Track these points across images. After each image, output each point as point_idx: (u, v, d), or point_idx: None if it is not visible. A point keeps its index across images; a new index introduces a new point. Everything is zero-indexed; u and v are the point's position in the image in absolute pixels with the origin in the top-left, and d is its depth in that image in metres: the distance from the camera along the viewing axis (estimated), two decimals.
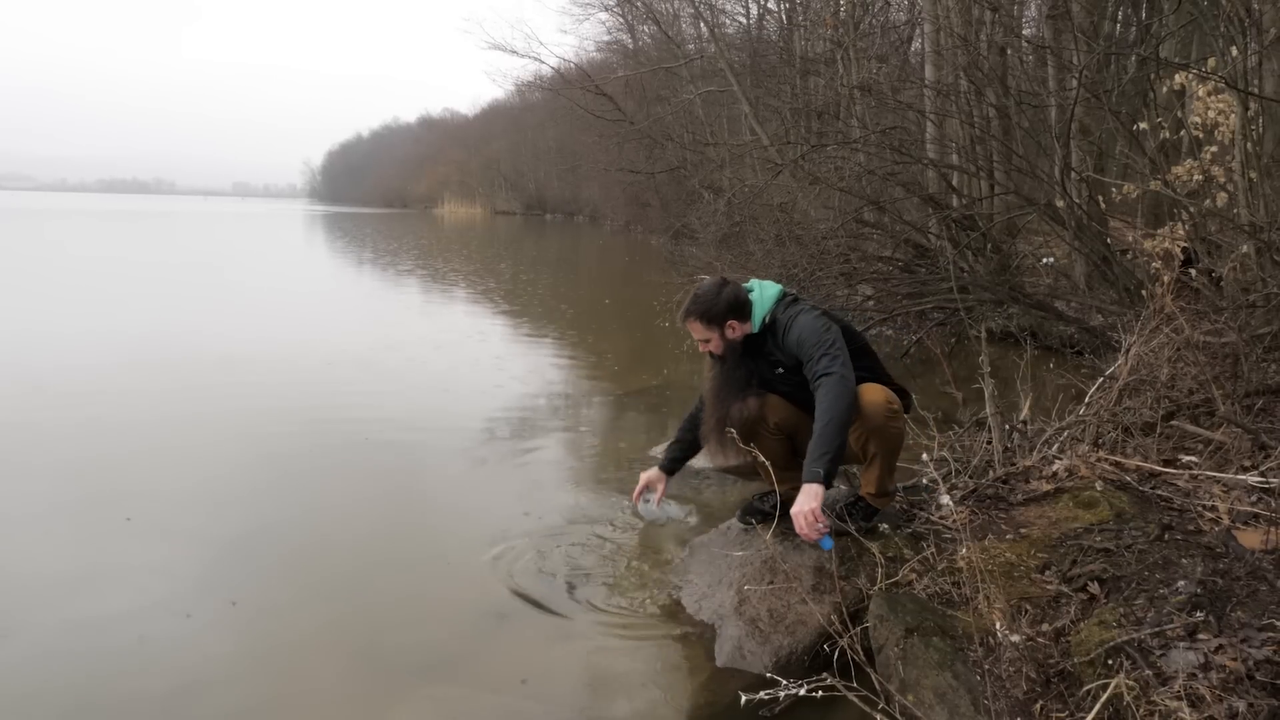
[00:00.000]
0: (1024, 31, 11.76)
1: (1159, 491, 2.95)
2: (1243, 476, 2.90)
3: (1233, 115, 4.62)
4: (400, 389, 6.20)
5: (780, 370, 2.98)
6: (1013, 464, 3.39)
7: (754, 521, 3.17)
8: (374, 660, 2.61)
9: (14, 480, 4.12)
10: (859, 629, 2.39)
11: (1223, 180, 4.86)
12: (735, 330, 2.96)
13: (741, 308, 2.95)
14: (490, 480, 4.22)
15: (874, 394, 2.83)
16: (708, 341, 2.99)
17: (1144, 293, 4.65)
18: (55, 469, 4.28)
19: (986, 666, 2.13)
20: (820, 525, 2.57)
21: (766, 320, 2.96)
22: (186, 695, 2.41)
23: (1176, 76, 5.26)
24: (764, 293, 3.01)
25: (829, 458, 2.62)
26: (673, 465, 3.31)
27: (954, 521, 2.87)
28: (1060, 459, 3.30)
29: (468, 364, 7.33)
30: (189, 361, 7.08)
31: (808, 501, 2.57)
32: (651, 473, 3.29)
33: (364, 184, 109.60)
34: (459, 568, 3.25)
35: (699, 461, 4.27)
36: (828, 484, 2.63)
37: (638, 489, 3.28)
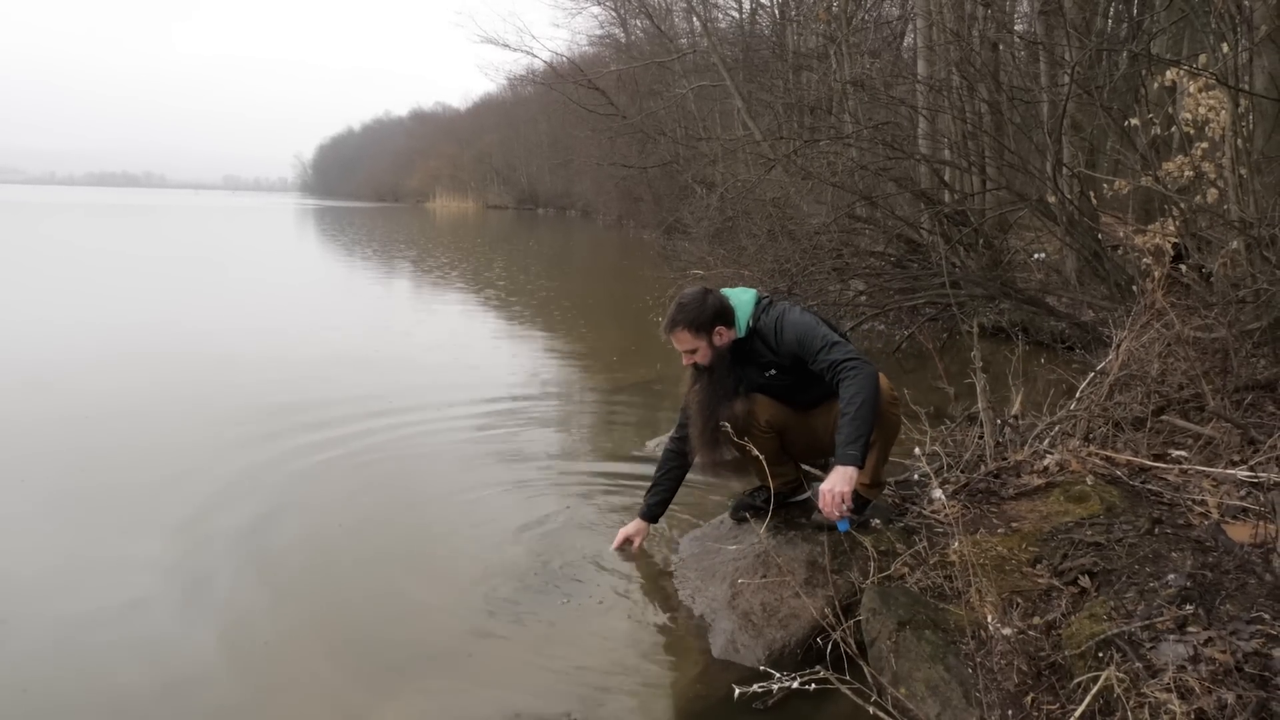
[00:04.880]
0: (1016, 27, 11.78)
1: (1149, 486, 2.97)
2: (1232, 471, 2.92)
3: (1223, 111, 4.65)
4: (391, 382, 6.19)
5: (772, 372, 2.97)
6: (1004, 458, 3.41)
7: (747, 516, 3.17)
8: (365, 655, 2.61)
9: (4, 476, 4.10)
10: (852, 622, 2.40)
11: (1213, 176, 4.90)
12: (723, 337, 2.94)
13: (727, 314, 2.93)
14: (482, 475, 4.21)
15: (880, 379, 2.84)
16: (694, 352, 2.95)
17: (1135, 288, 4.68)
18: (47, 464, 4.27)
19: (978, 659, 2.15)
20: (845, 507, 2.62)
21: (751, 324, 2.95)
22: (177, 691, 2.41)
23: (1168, 73, 5.30)
24: (741, 298, 3.00)
25: (863, 441, 2.67)
26: (654, 512, 3.25)
27: (946, 515, 2.89)
28: (1051, 453, 3.32)
29: (460, 359, 7.32)
30: (181, 357, 7.06)
31: (840, 483, 2.62)
32: (632, 525, 3.24)
33: (355, 178, 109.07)
34: (451, 563, 3.24)
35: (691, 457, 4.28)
36: (861, 465, 2.68)
37: (617, 541, 3.23)
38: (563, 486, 4.06)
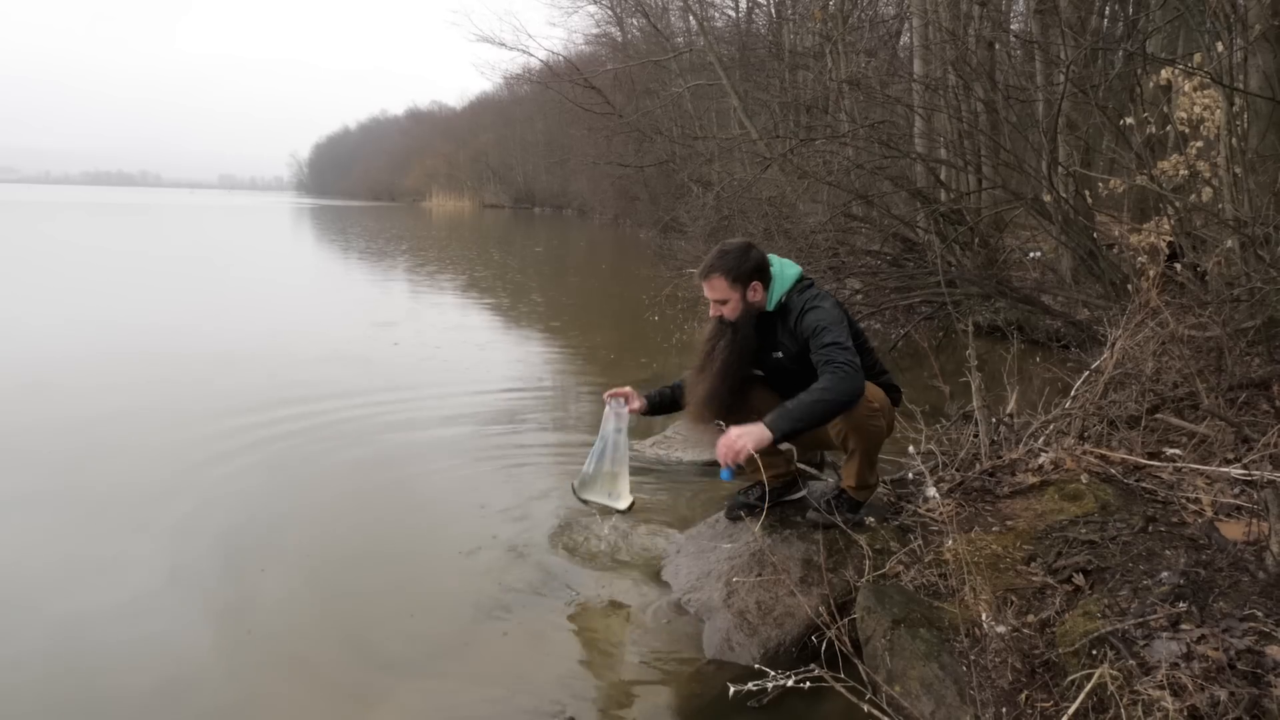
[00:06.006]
0: (1012, 26, 11.81)
1: (1143, 484, 2.98)
2: (1226, 469, 2.93)
3: (1218, 110, 4.66)
4: (388, 382, 6.18)
5: (778, 355, 2.92)
6: (999, 457, 3.42)
7: (742, 515, 3.17)
8: (362, 654, 2.61)
9: (1, 475, 4.10)
10: (847, 620, 2.40)
11: (1208, 175, 4.90)
12: (757, 293, 2.87)
13: (765, 273, 2.87)
14: (478, 473, 4.21)
15: None
16: (724, 303, 2.86)
17: (1130, 287, 4.69)
18: (43, 464, 4.25)
19: (972, 657, 2.15)
20: (736, 460, 2.57)
21: (782, 300, 2.89)
22: (174, 690, 2.40)
23: (1163, 72, 5.30)
24: (784, 271, 2.92)
25: (797, 423, 2.58)
26: (653, 402, 3.15)
27: (941, 514, 2.89)
28: (1046, 452, 3.32)
29: (456, 357, 7.31)
30: (178, 356, 7.04)
31: (746, 437, 2.55)
32: (632, 390, 3.17)
33: (351, 177, 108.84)
34: (446, 561, 3.24)
35: (686, 455, 4.29)
36: (776, 440, 2.59)
37: (613, 391, 3.13)
38: (557, 485, 4.05)
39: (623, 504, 3.19)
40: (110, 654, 2.58)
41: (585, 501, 3.23)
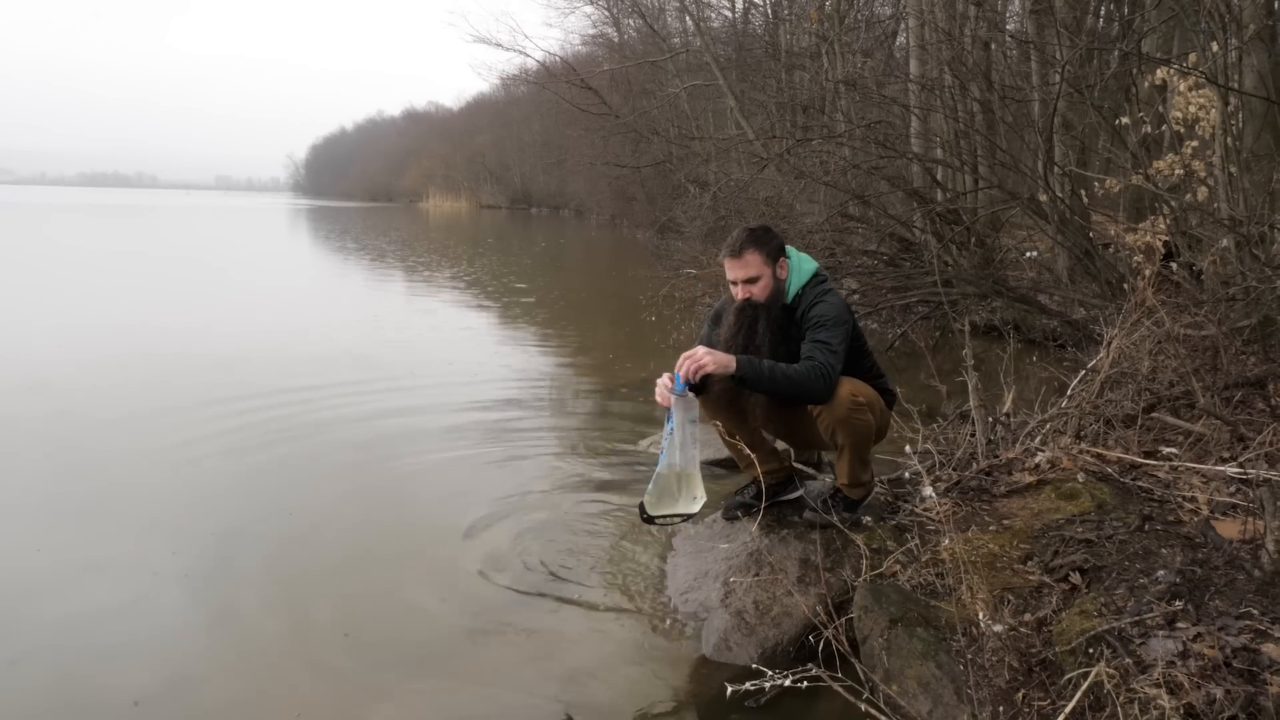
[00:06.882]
0: (1007, 26, 11.83)
1: (1140, 483, 2.99)
2: (1221, 468, 2.94)
3: (1213, 110, 4.67)
4: (385, 382, 6.18)
5: (781, 349, 2.93)
6: (996, 456, 3.42)
7: (739, 515, 3.18)
8: (360, 654, 2.61)
9: (2, 477, 4.09)
10: (844, 620, 2.41)
11: (1203, 175, 4.91)
12: (784, 270, 2.89)
13: (785, 252, 2.91)
14: (476, 473, 4.21)
15: (843, 386, 2.77)
16: (754, 281, 2.83)
17: (1125, 286, 4.70)
18: (41, 465, 4.25)
19: (969, 656, 2.15)
20: (691, 370, 2.58)
21: (798, 294, 2.89)
22: (168, 692, 2.40)
23: (1158, 72, 5.32)
24: (801, 265, 2.92)
25: (759, 379, 2.64)
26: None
27: (937, 513, 2.89)
28: (1043, 451, 3.33)
29: (453, 357, 7.31)
30: (177, 358, 7.03)
31: (712, 359, 2.60)
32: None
33: (348, 178, 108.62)
34: (444, 561, 3.24)
35: None
36: (735, 374, 2.63)
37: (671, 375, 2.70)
38: (556, 484, 4.06)
39: (699, 504, 2.82)
40: (108, 654, 2.58)
41: (655, 520, 2.81)
